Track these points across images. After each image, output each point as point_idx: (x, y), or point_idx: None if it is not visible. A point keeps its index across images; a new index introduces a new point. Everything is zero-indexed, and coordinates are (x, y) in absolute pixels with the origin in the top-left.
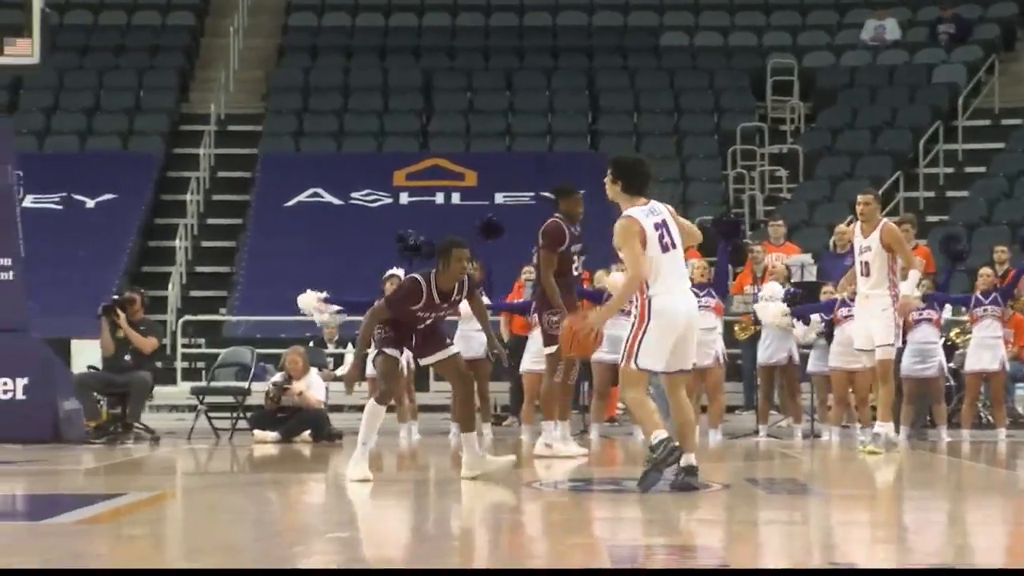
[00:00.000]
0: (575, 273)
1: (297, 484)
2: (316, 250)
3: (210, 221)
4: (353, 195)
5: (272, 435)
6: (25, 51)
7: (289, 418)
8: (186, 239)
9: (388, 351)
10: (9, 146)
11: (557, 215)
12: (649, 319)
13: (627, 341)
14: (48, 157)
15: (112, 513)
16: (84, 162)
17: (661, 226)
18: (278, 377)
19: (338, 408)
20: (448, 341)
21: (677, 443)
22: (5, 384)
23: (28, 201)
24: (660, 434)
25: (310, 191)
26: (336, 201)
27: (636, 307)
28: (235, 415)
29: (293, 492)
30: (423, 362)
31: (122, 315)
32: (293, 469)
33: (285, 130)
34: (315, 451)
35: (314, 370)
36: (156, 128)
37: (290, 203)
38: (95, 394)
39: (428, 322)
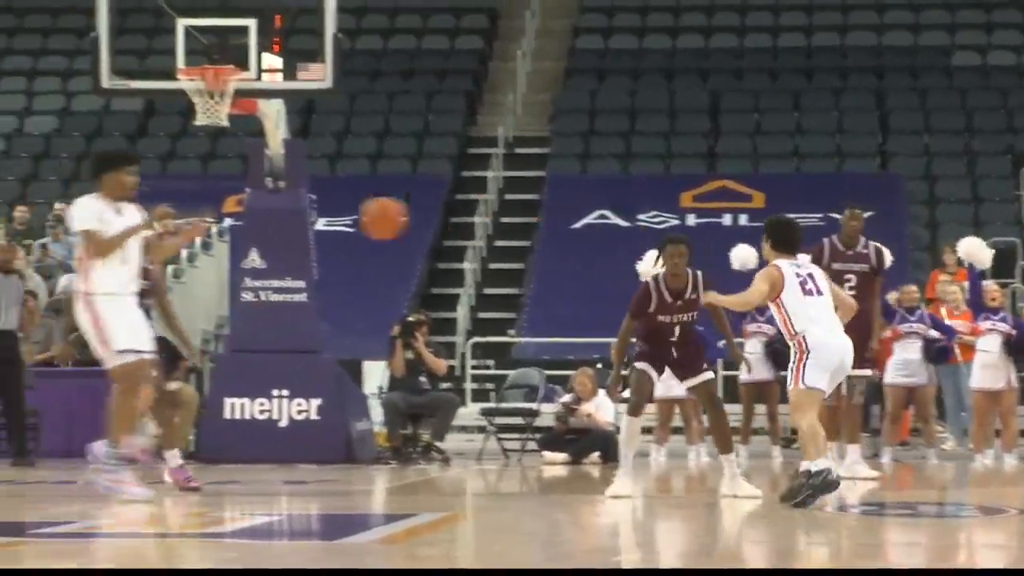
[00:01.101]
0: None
1: (587, 505)
2: (603, 272)
3: (498, 243)
4: (640, 217)
5: (561, 456)
6: (318, 76)
7: (578, 439)
8: (475, 261)
9: (639, 365)
10: (303, 169)
11: (834, 235)
12: (808, 351)
13: (791, 370)
14: (340, 180)
15: (405, 533)
16: (375, 185)
17: (806, 277)
18: (567, 398)
19: None
20: (704, 366)
21: (837, 477)
22: (300, 405)
23: (321, 224)
24: (822, 463)
25: (597, 213)
26: (623, 223)
27: (795, 348)
28: (524, 436)
29: (583, 514)
30: (683, 384)
31: (419, 336)
32: (583, 490)
33: (572, 152)
34: (604, 472)
35: (603, 391)
36: (445, 151)
37: (577, 225)
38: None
39: (677, 331)
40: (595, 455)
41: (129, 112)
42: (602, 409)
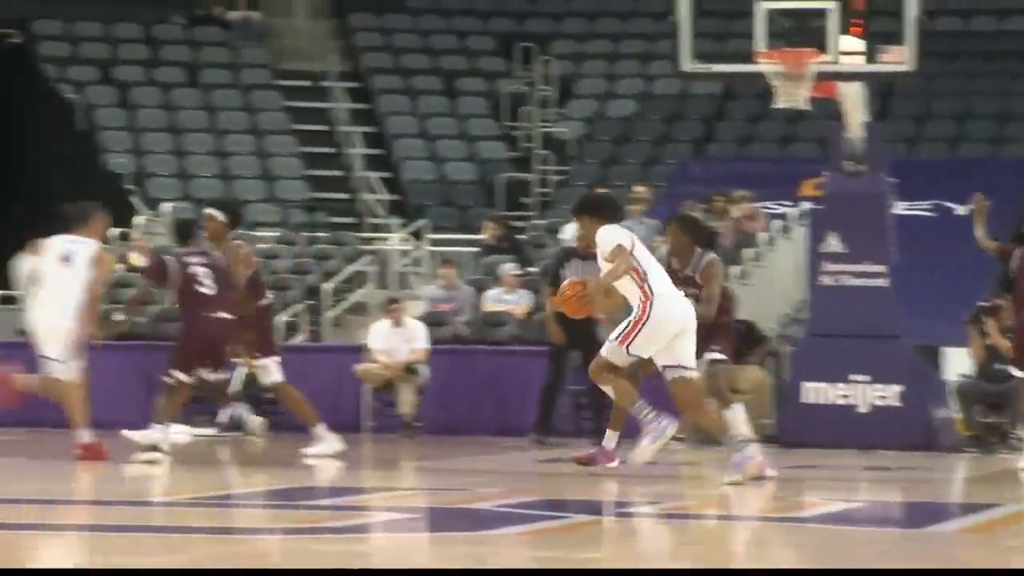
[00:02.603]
0: None
1: None
2: None
3: None
4: None
5: None
6: (898, 59)
7: None
8: None
9: None
10: (882, 152)
11: None
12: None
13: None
14: (918, 163)
15: (987, 524)
16: (954, 168)
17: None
18: None
19: None
20: None
21: None
22: (879, 390)
23: (899, 208)
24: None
25: None
26: None
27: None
28: None
29: None
30: None
31: (990, 322)
32: None
33: None
34: None
35: None
36: None
37: None
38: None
39: None
40: None
41: (707, 95)
42: None
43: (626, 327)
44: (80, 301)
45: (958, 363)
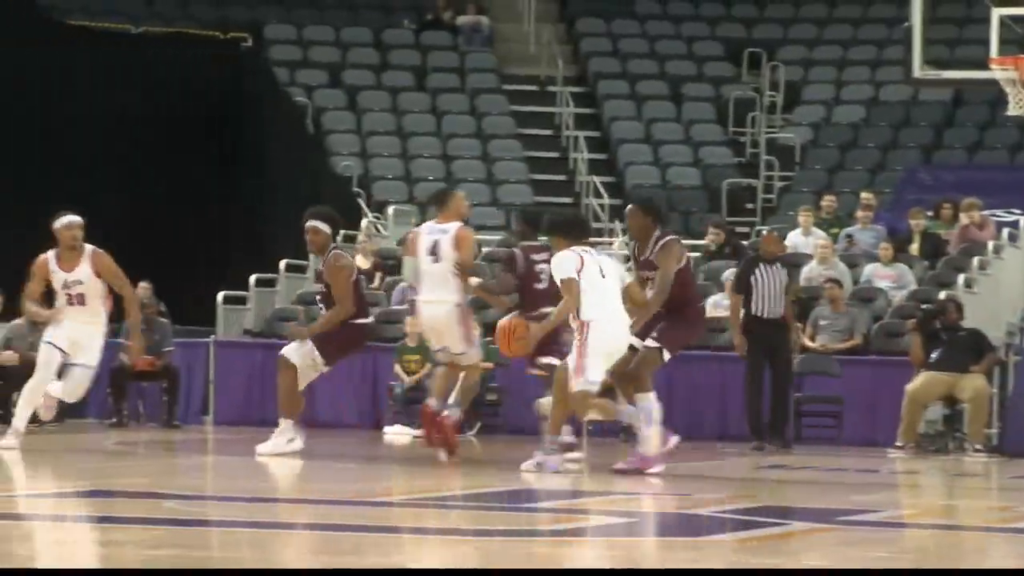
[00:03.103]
0: None
1: None
2: None
3: None
4: None
5: None
6: None
7: None
8: None
9: None
10: None
11: None
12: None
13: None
14: None
15: None
16: None
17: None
18: None
19: None
20: None
21: None
22: None
23: None
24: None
25: None
26: None
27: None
28: None
29: None
30: None
31: None
32: None
33: None
34: None
35: None
36: None
37: None
38: None
39: None
40: None
41: (936, 102)
42: None
43: (575, 362)
44: (457, 289)
45: None
